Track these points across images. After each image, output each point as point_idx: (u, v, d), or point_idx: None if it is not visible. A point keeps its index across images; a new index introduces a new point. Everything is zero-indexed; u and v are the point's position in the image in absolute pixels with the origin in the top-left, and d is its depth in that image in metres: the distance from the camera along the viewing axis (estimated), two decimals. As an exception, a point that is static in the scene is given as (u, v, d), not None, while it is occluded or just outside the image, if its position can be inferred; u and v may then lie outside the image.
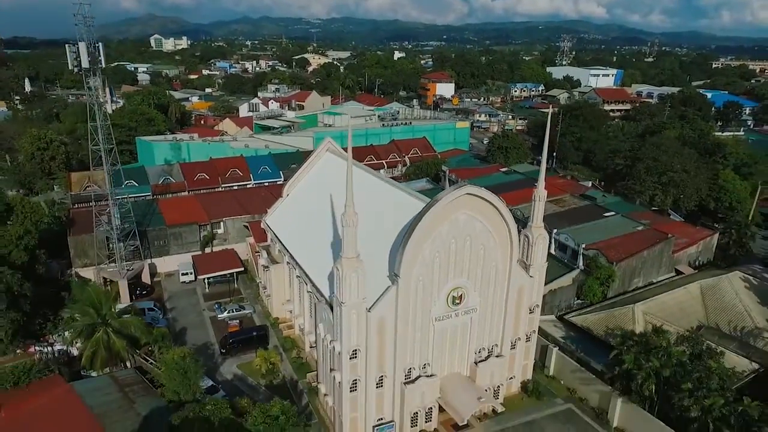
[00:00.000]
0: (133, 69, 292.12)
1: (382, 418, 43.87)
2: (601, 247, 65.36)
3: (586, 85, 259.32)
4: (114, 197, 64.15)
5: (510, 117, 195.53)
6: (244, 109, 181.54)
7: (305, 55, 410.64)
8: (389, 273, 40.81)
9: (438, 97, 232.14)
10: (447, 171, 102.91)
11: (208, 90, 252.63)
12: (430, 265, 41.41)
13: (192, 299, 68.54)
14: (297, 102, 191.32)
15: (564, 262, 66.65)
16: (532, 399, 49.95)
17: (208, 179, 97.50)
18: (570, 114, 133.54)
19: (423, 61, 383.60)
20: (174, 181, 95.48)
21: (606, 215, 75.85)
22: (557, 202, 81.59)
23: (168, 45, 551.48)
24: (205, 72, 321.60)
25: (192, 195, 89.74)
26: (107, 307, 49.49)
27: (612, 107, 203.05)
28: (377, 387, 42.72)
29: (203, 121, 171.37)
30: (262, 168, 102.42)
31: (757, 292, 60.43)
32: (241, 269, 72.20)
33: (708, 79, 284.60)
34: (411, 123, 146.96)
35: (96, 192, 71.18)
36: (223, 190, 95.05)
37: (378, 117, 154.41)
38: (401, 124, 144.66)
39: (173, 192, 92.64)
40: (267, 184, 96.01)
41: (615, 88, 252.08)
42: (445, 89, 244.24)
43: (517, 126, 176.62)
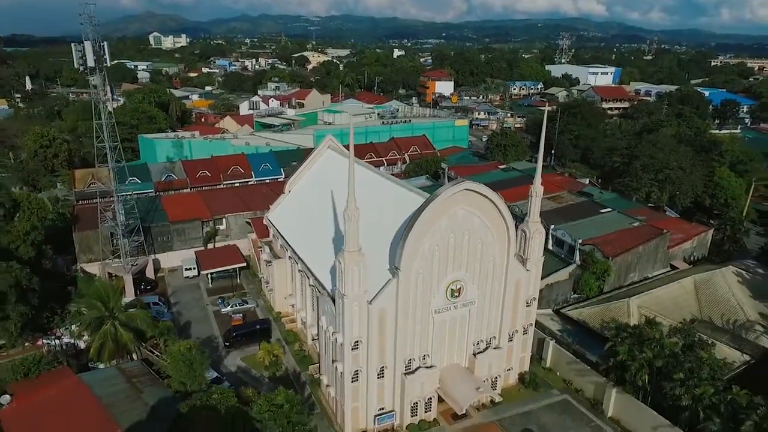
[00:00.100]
0: (133, 67, 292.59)
1: (383, 407, 45.09)
2: (598, 243, 66.45)
3: (584, 84, 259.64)
4: (118, 194, 65.29)
5: (509, 115, 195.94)
6: (244, 107, 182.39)
7: (305, 53, 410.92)
8: (390, 266, 41.96)
9: (437, 95, 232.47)
10: (446, 168, 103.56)
11: (208, 88, 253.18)
12: (429, 259, 42.54)
13: (195, 294, 69.76)
14: (297, 100, 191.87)
15: (561, 257, 67.65)
16: (529, 390, 51.18)
17: (209, 176, 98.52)
18: (568, 112, 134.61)
19: (422, 59, 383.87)
20: (176, 178, 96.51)
21: (602, 211, 76.84)
22: (555, 198, 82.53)
23: (167, 43, 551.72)
24: (205, 70, 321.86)
25: (194, 192, 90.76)
26: (114, 301, 50.75)
27: (610, 105, 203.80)
28: (378, 377, 43.93)
29: (204, 119, 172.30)
30: (263, 165, 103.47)
31: (750, 286, 61.65)
32: (244, 265, 73.38)
33: (706, 77, 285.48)
34: (410, 121, 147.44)
35: (100, 189, 72.27)
36: (225, 187, 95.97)
37: (378, 115, 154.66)
38: (401, 122, 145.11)
39: (175, 189, 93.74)
40: (268, 181, 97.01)
41: (613, 86, 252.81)
42: (445, 87, 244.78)
43: (516, 124, 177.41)
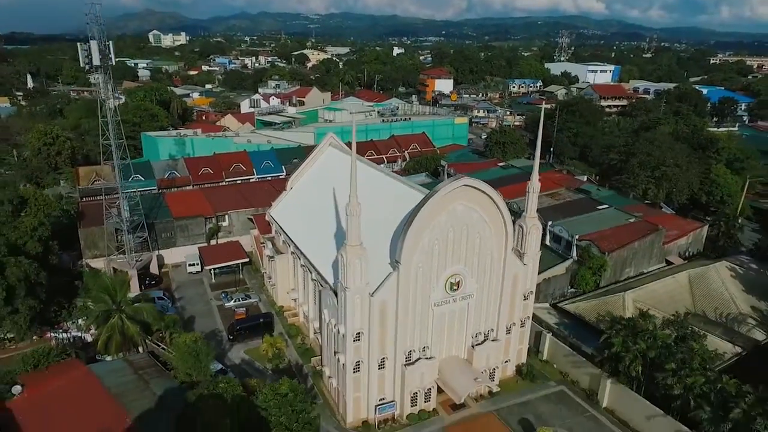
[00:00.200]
0: (134, 65, 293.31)
1: (383, 397, 46.29)
2: (594, 238, 67.71)
3: (583, 81, 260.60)
4: (123, 190, 66.41)
5: (508, 113, 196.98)
6: (245, 105, 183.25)
7: (304, 51, 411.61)
8: (391, 260, 43.14)
9: (437, 93, 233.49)
10: (446, 165, 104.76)
11: (208, 86, 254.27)
12: (429, 253, 43.71)
13: (199, 289, 70.96)
14: (297, 98, 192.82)
15: (558, 252, 68.90)
16: (526, 381, 52.42)
17: (212, 173, 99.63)
18: (567, 110, 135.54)
19: (422, 57, 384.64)
20: (179, 176, 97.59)
21: (599, 208, 78.13)
22: (553, 195, 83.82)
23: (167, 41, 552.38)
24: (205, 68, 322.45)
25: (197, 189, 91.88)
26: (121, 294, 51.91)
27: (609, 103, 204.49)
28: (379, 368, 45.13)
29: (205, 117, 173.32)
30: (264, 162, 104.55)
31: (743, 280, 62.97)
32: (246, 260, 74.58)
33: (705, 75, 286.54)
34: (410, 119, 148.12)
35: (105, 185, 73.39)
36: (227, 184, 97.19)
37: (378, 113, 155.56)
38: (401, 119, 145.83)
39: (178, 186, 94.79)
40: (270, 178, 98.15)
41: (612, 84, 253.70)
42: (444, 85, 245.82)
43: (515, 122, 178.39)
